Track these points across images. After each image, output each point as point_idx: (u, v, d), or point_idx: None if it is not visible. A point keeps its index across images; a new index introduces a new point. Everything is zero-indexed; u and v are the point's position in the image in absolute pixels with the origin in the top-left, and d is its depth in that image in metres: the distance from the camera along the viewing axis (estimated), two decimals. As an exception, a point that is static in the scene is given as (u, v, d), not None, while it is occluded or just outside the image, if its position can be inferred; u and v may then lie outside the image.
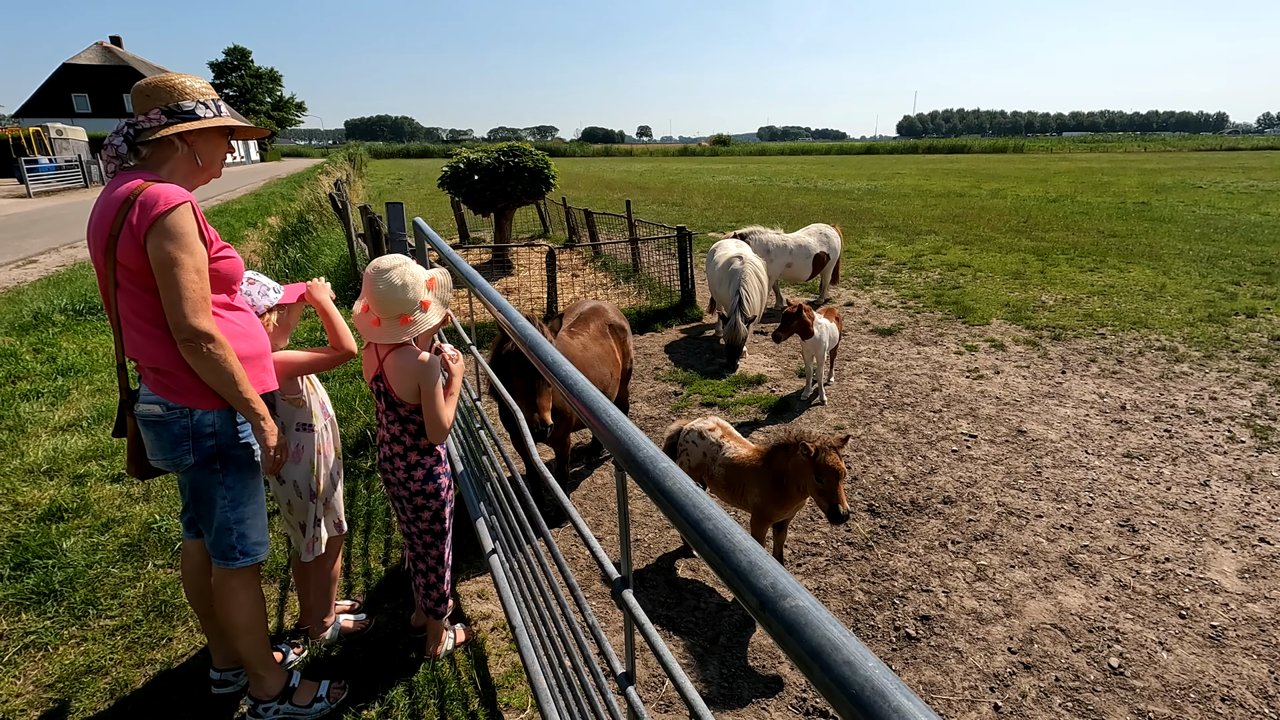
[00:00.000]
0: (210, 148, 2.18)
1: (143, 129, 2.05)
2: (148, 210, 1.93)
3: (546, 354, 1.60)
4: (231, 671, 2.58)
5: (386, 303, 2.38)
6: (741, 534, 0.87)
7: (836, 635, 0.69)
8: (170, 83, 2.08)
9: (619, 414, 1.26)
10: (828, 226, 8.59)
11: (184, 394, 2.10)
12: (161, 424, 2.11)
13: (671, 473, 1.03)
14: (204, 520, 2.27)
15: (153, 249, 1.94)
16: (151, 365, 2.09)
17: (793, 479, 3.06)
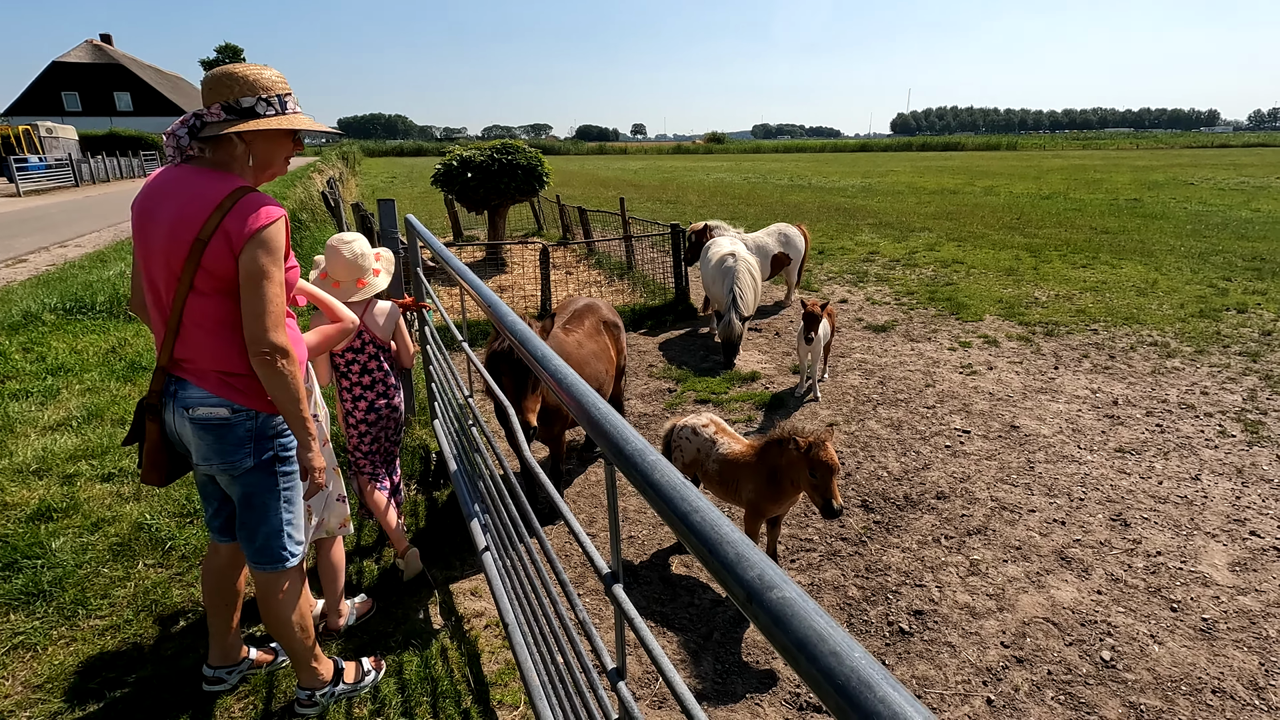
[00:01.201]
0: (269, 147, 2.08)
1: (207, 123, 1.98)
2: (250, 222, 1.90)
3: (536, 349, 1.60)
4: (225, 669, 2.57)
5: (349, 268, 2.91)
6: (729, 526, 0.87)
7: (823, 626, 0.68)
8: (235, 75, 1.99)
9: (608, 408, 1.25)
10: (790, 227, 8.40)
11: (251, 397, 2.09)
12: (226, 426, 2.08)
13: (660, 466, 1.02)
14: (255, 525, 2.22)
15: (247, 260, 1.91)
16: (220, 369, 2.05)
17: (786, 474, 3.06)
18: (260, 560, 2.26)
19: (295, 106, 2.10)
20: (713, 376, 6.25)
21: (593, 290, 9.32)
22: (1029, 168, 36.76)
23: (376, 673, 2.67)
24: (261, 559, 2.26)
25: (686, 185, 28.36)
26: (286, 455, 2.22)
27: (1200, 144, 72.06)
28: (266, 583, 2.29)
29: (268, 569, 2.27)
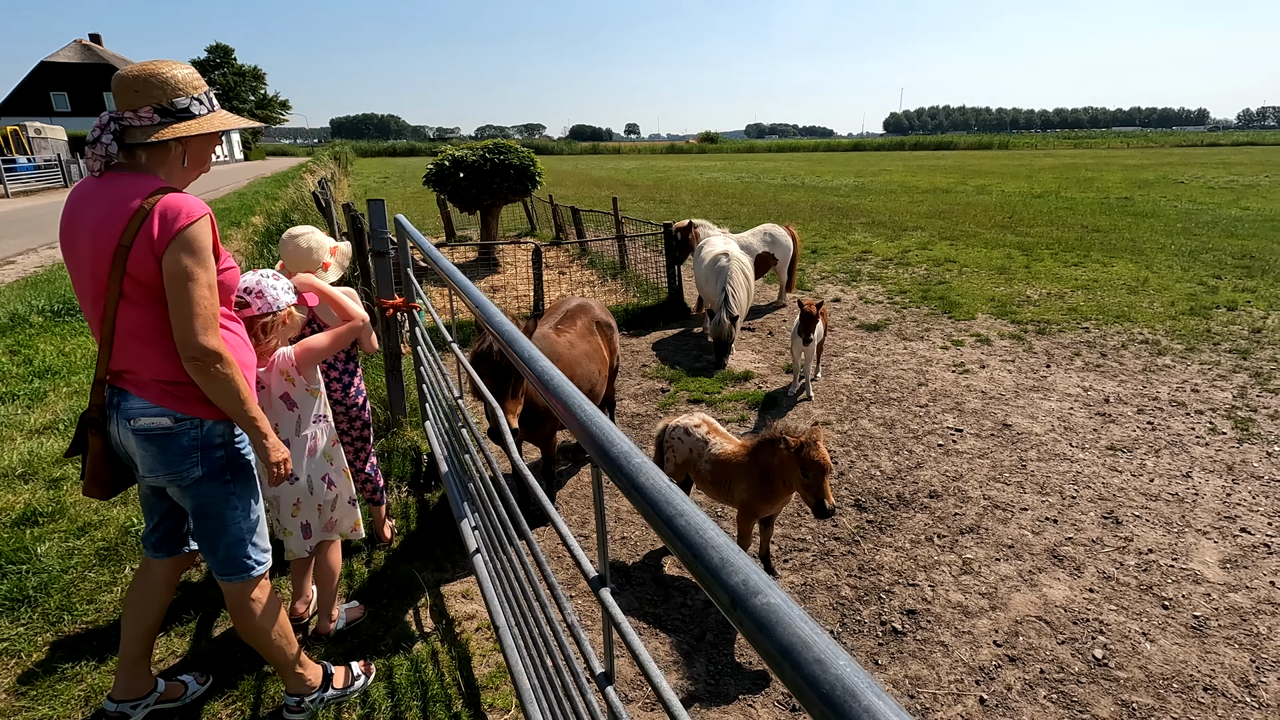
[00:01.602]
0: (204, 146, 2.07)
1: (134, 127, 1.92)
2: (170, 223, 1.85)
3: (523, 350, 1.58)
4: (130, 703, 2.39)
5: (298, 261, 3.01)
6: (714, 530, 0.85)
7: (807, 633, 0.67)
8: (161, 75, 1.93)
9: (594, 410, 1.23)
10: (777, 227, 8.30)
11: (193, 404, 2.03)
12: (169, 436, 2.02)
13: (645, 468, 1.01)
14: (215, 537, 2.16)
15: (170, 262, 1.86)
16: (158, 377, 2.00)
17: (778, 474, 3.05)
18: (226, 572, 2.20)
19: (218, 103, 2.10)
20: (706, 376, 6.24)
21: (586, 290, 9.30)
22: (1021, 167, 36.91)
23: (366, 677, 2.64)
24: (227, 570, 2.20)
25: (680, 185, 28.36)
26: (240, 463, 2.15)
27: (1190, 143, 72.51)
28: (236, 594, 2.23)
29: (234, 579, 2.21)
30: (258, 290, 2.51)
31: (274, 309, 2.54)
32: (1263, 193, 20.39)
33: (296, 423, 2.68)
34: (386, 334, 4.41)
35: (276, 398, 2.64)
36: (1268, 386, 5.65)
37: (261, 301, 2.51)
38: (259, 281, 2.53)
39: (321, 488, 2.78)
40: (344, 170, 38.37)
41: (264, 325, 2.53)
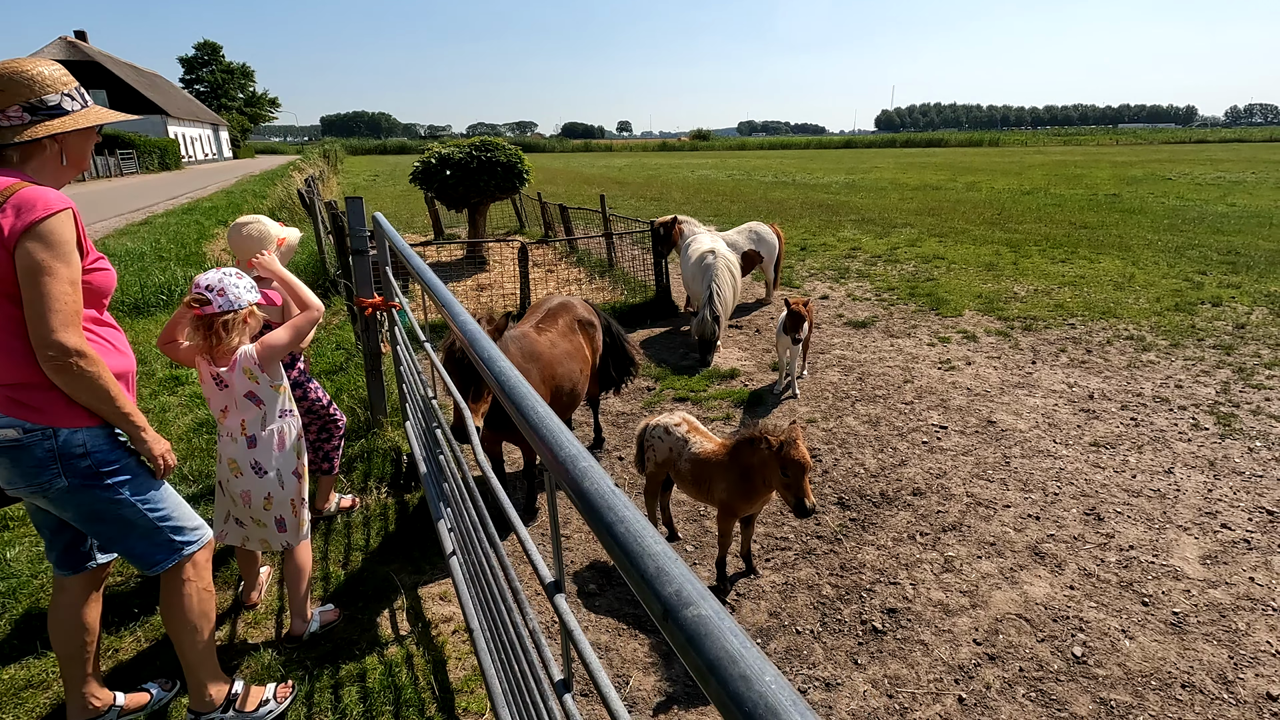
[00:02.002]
0: (80, 143, 2.02)
1: (3, 128, 1.86)
2: (24, 214, 1.78)
3: (483, 350, 1.54)
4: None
5: (245, 249, 3.12)
6: (653, 538, 0.82)
7: (735, 647, 0.64)
8: (26, 73, 1.89)
9: (547, 413, 1.20)
10: (762, 225, 8.25)
11: (46, 412, 1.91)
12: (20, 448, 1.91)
13: (590, 473, 0.98)
14: (119, 537, 2.11)
15: (22, 255, 1.78)
16: (8, 382, 1.89)
17: (758, 473, 3.03)
18: (151, 564, 2.16)
19: (91, 99, 2.06)
20: (692, 374, 6.21)
21: (573, 288, 9.26)
22: (1011, 164, 37.06)
23: (280, 704, 2.49)
24: (148, 563, 2.16)
25: (671, 182, 28.32)
26: (112, 467, 2.03)
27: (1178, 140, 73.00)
28: (168, 580, 2.21)
29: (163, 566, 2.17)
30: (219, 288, 2.50)
31: (235, 307, 2.52)
32: (1249, 189, 20.53)
33: (263, 418, 2.66)
34: (366, 333, 4.37)
35: (242, 396, 2.61)
36: (1250, 382, 5.67)
37: (223, 299, 2.50)
38: (221, 279, 2.51)
39: (292, 481, 2.74)
40: (333, 168, 38.10)
41: (225, 323, 2.51)
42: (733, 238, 7.96)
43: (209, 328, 2.50)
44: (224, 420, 2.64)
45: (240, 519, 2.73)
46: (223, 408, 2.62)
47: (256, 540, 2.77)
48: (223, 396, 2.61)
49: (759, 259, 8.01)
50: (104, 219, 17.84)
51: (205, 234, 14.19)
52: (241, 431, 2.62)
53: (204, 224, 15.86)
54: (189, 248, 11.93)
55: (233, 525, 2.75)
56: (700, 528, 3.88)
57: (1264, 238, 12.04)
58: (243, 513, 2.71)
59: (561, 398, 3.95)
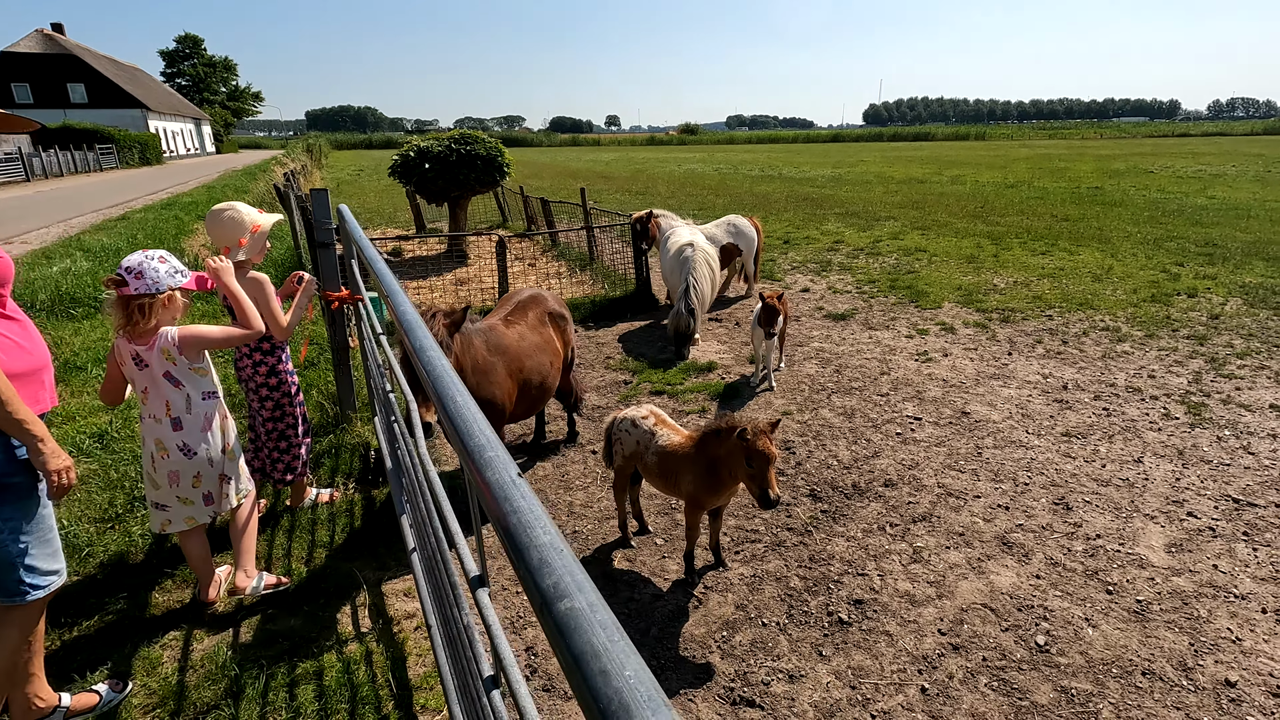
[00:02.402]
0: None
1: None
2: None
3: (416, 339, 1.51)
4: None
5: (221, 235, 3.22)
6: (542, 530, 0.79)
7: (601, 641, 0.61)
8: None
9: (466, 401, 1.17)
10: (740, 218, 8.19)
11: None
12: None
13: (494, 463, 0.95)
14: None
15: None
16: None
17: (725, 465, 3.00)
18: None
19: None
20: (670, 368, 6.19)
21: (554, 282, 9.21)
22: (996, 157, 37.24)
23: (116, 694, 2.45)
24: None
25: (657, 176, 28.24)
26: (9, 483, 1.96)
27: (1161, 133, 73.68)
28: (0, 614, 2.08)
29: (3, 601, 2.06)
30: (137, 271, 2.55)
31: (153, 291, 2.56)
32: (1229, 182, 20.73)
33: (186, 400, 2.72)
34: (333, 327, 4.31)
35: (159, 375, 2.66)
36: (1222, 372, 5.72)
37: (140, 282, 2.55)
38: (141, 263, 2.56)
39: (221, 460, 2.84)
40: (317, 163, 37.74)
41: (140, 306, 2.56)
42: (711, 231, 7.91)
43: (126, 309, 2.56)
44: (146, 402, 2.70)
45: (164, 503, 2.78)
46: (143, 388, 2.68)
47: (182, 519, 2.80)
48: (143, 377, 2.66)
49: (738, 252, 7.97)
50: (80, 215, 17.55)
51: (184, 229, 14.01)
52: (166, 413, 2.69)
53: (183, 219, 15.66)
54: (167, 243, 11.76)
55: (158, 511, 2.79)
56: (671, 521, 3.86)
57: (1241, 230, 12.15)
58: (168, 495, 2.76)
59: (531, 391, 3.91)
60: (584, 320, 7.72)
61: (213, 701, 2.47)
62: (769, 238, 12.47)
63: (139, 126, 53.47)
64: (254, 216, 3.31)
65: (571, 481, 4.32)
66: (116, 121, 50.08)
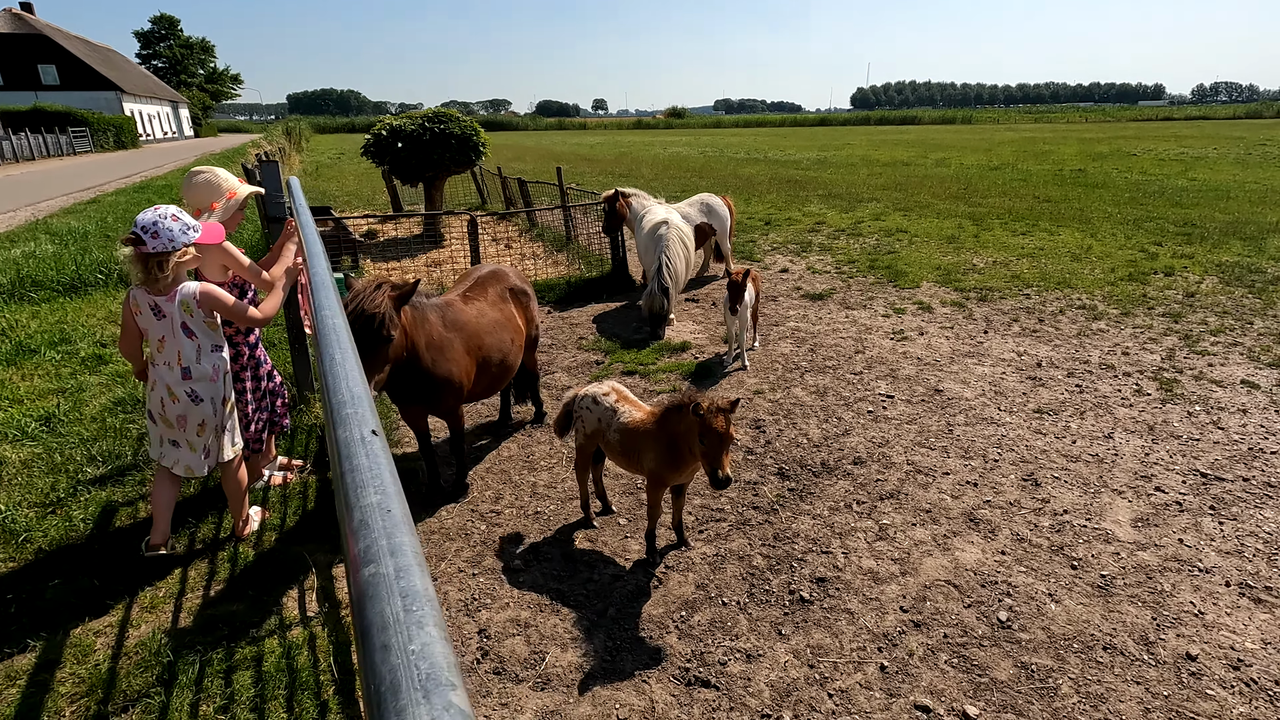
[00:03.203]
0: None
1: None
2: None
3: (319, 298, 1.40)
4: None
5: (194, 197, 3.25)
6: (374, 489, 0.70)
7: (393, 612, 0.52)
8: None
9: (345, 358, 1.07)
10: (713, 197, 7.98)
11: None
12: None
13: (351, 419, 0.85)
14: None
15: None
16: None
17: (684, 441, 2.92)
18: None
19: None
20: (643, 348, 6.09)
21: (530, 264, 9.06)
22: (981, 140, 37.21)
23: None
24: None
25: (641, 159, 27.98)
26: None
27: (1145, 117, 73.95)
28: None
29: None
30: (153, 230, 2.73)
31: (170, 248, 2.76)
32: (1210, 164, 20.80)
33: (198, 351, 2.93)
34: (287, 306, 4.17)
35: (177, 326, 2.87)
36: (1195, 349, 5.70)
37: (157, 241, 2.74)
38: (155, 222, 2.74)
39: (223, 411, 3.04)
40: (297, 146, 37.08)
41: (160, 262, 2.77)
42: (685, 210, 7.76)
43: (146, 265, 2.77)
44: (161, 349, 2.90)
45: (177, 441, 3.00)
46: (160, 337, 2.89)
47: (183, 465, 3.01)
48: (160, 326, 2.87)
49: (712, 232, 7.82)
50: (49, 198, 17.12)
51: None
52: (178, 362, 2.90)
53: (156, 202, 15.30)
54: (133, 225, 11.46)
55: (169, 447, 3.00)
56: (636, 501, 3.78)
57: (1221, 210, 12.18)
58: (180, 435, 2.99)
59: (490, 369, 3.80)
60: (558, 301, 7.60)
61: (143, 689, 2.37)
62: (751, 219, 12.36)
63: (113, 109, 52.26)
64: (231, 183, 3.36)
65: (536, 462, 4.22)
66: (90, 104, 48.93)
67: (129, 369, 5.29)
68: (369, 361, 2.94)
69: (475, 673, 2.63)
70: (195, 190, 3.29)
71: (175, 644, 2.58)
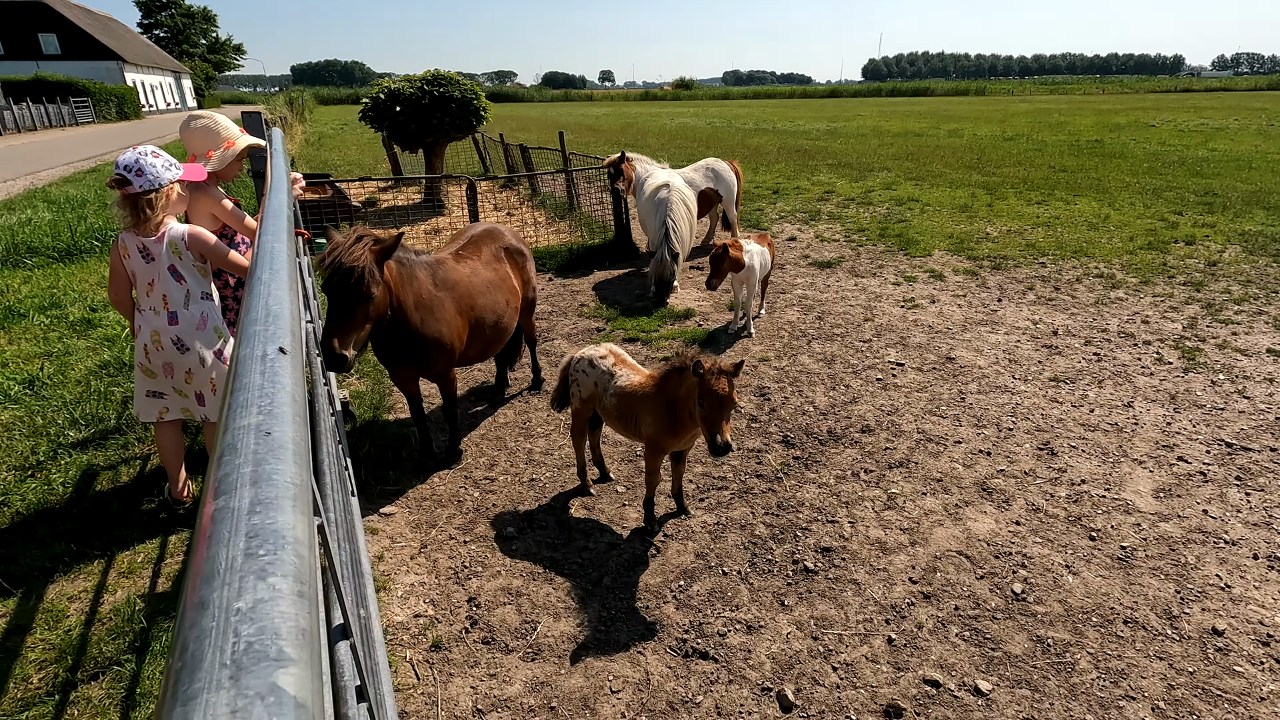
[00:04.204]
0: None
1: None
2: None
3: (266, 223, 1.24)
4: None
5: (189, 143, 3.13)
6: (256, 413, 0.54)
7: (228, 558, 0.38)
8: None
9: (272, 278, 0.91)
10: (719, 162, 7.64)
11: None
12: None
13: (255, 337, 0.70)
14: None
15: None
16: None
17: (684, 405, 2.77)
18: None
19: None
20: (646, 315, 5.92)
21: (532, 231, 8.86)
22: (995, 111, 36.39)
23: None
24: None
25: (648, 130, 27.48)
26: None
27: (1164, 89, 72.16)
28: None
29: None
30: (137, 169, 2.64)
31: (155, 185, 2.68)
32: (1230, 135, 20.23)
33: (185, 296, 2.83)
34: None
35: (165, 269, 2.78)
36: (1219, 317, 5.49)
37: (142, 179, 2.66)
38: (138, 160, 2.65)
39: (213, 361, 2.89)
40: (299, 117, 36.61)
41: (149, 201, 2.70)
42: (689, 175, 7.49)
43: (134, 206, 2.69)
44: (149, 294, 2.81)
45: (160, 390, 2.91)
46: (149, 281, 2.80)
47: (178, 408, 2.94)
48: (149, 269, 2.78)
49: (717, 198, 7.56)
50: (49, 168, 16.94)
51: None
52: (164, 306, 2.80)
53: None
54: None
55: (153, 400, 2.92)
56: (635, 468, 3.65)
57: (1243, 180, 11.80)
58: (164, 384, 2.91)
59: (484, 331, 3.65)
60: (560, 269, 7.42)
61: (114, 656, 2.27)
62: (759, 188, 12.08)
63: (115, 79, 51.71)
64: (230, 132, 3.24)
65: (533, 429, 4.09)
66: (91, 74, 48.41)
67: (117, 332, 5.17)
68: (347, 320, 2.78)
69: (463, 642, 2.52)
70: (193, 135, 3.16)
71: (151, 609, 2.48)
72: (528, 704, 2.26)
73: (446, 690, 2.32)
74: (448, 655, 2.46)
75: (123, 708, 2.11)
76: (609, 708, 2.25)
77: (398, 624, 2.59)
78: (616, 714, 2.23)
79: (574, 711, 2.24)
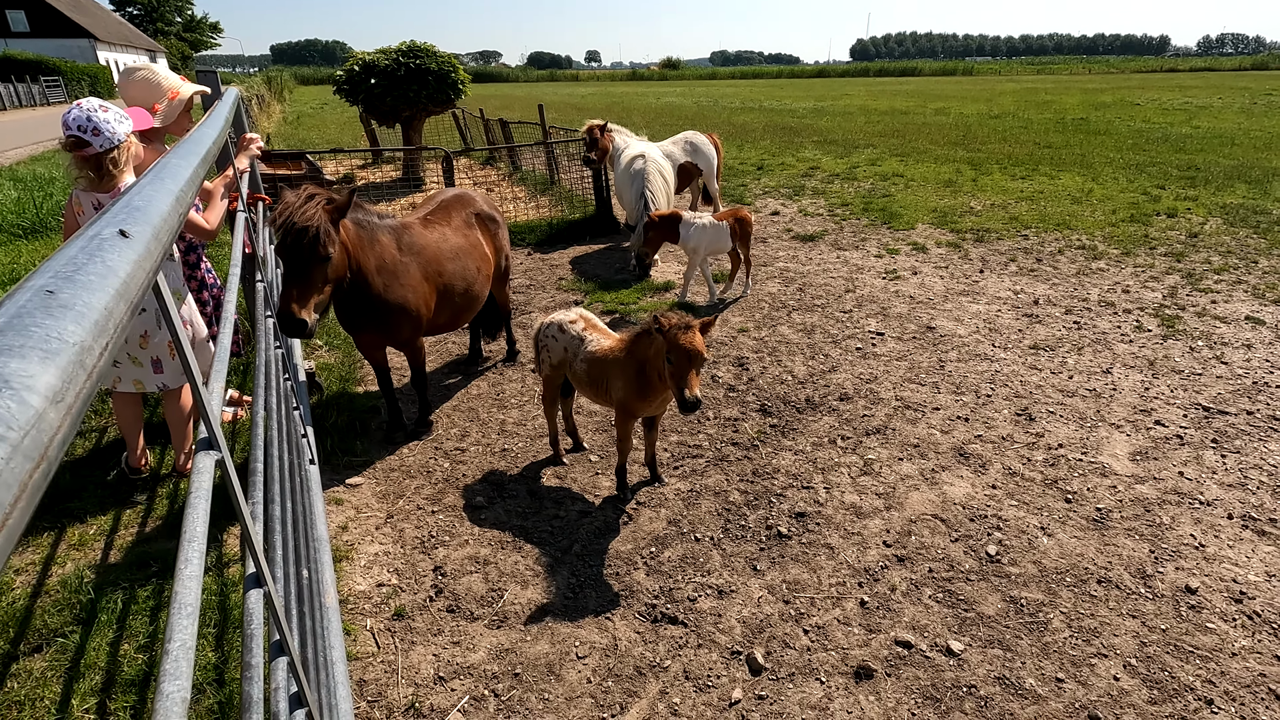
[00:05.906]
0: None
1: None
2: None
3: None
4: None
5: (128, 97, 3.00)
6: (65, 294, 0.46)
7: None
8: None
9: (148, 188, 0.82)
10: (699, 135, 7.45)
11: None
12: None
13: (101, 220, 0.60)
14: None
15: None
16: None
17: (654, 367, 2.70)
18: None
19: None
20: (625, 288, 5.83)
21: (512, 206, 8.71)
22: (982, 91, 36.28)
23: None
24: None
25: (633, 108, 27.18)
26: None
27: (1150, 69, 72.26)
28: None
29: None
30: (92, 128, 2.49)
31: (115, 142, 2.55)
32: (1214, 113, 20.27)
33: None
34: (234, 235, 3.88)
35: None
36: (1199, 286, 5.48)
37: (99, 138, 2.51)
38: (89, 117, 2.48)
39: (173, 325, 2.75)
40: (277, 96, 35.89)
41: (113, 159, 2.56)
42: (668, 149, 7.31)
43: (98, 167, 2.56)
44: None
45: (117, 359, 2.78)
46: None
47: (130, 380, 2.81)
48: None
49: (697, 172, 7.40)
50: (17, 147, 16.50)
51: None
52: None
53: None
54: (99, 170, 11.01)
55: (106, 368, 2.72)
56: (609, 438, 3.58)
57: (1225, 156, 11.82)
58: (119, 351, 2.58)
59: (454, 298, 3.55)
60: (540, 243, 7.30)
61: (59, 627, 2.19)
62: (744, 164, 11.96)
63: (87, 58, 50.40)
64: (172, 81, 3.09)
65: (506, 400, 4.01)
66: (62, 52, 47.15)
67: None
68: (304, 282, 2.67)
69: (427, 610, 2.45)
70: (132, 87, 3.02)
71: (101, 581, 2.39)
72: (491, 670, 2.21)
73: (408, 658, 2.25)
74: (410, 623, 2.39)
75: (65, 680, 2.03)
76: (574, 673, 2.20)
77: (359, 593, 2.52)
78: (582, 679, 2.18)
79: (539, 677, 2.18)
